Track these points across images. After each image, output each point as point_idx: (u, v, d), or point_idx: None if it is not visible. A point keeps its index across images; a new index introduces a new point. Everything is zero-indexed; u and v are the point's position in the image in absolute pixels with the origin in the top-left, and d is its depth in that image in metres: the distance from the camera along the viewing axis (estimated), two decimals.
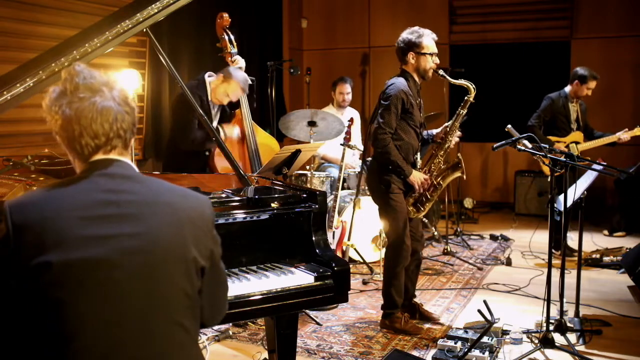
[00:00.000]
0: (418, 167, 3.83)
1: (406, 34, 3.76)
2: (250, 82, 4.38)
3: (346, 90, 6.06)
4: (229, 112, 4.37)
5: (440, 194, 3.91)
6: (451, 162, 3.86)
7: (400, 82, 3.73)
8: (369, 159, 3.91)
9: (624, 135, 5.57)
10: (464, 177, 3.89)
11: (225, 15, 4.42)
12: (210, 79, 4.15)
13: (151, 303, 1.43)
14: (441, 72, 3.74)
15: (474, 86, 3.78)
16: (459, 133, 3.89)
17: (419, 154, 3.89)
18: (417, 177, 3.72)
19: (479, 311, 3.20)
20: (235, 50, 4.35)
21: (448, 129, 3.84)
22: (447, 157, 3.95)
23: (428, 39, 3.72)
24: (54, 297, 1.35)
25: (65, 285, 1.35)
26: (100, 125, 1.47)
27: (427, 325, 3.89)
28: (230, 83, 4.08)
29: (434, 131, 3.95)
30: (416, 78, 3.79)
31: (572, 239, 5.47)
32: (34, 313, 1.37)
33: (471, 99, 3.80)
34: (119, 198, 1.45)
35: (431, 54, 3.72)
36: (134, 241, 1.42)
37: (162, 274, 1.44)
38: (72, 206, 1.41)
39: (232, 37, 4.41)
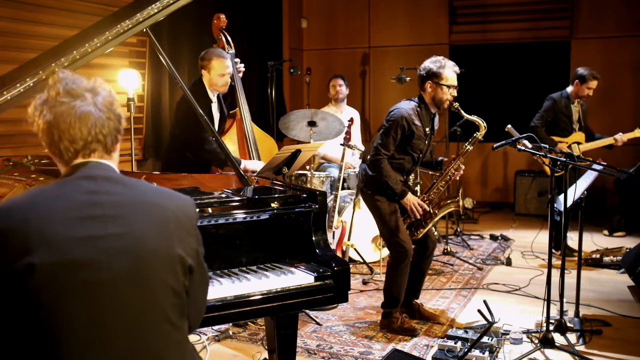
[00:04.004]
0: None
1: (428, 63, 3.77)
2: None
3: (338, 83, 6.11)
4: (227, 112, 4.36)
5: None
6: (451, 194, 3.91)
7: (406, 107, 3.73)
8: (363, 164, 3.94)
9: (620, 137, 5.58)
10: (461, 211, 3.99)
11: (222, 16, 4.40)
12: (204, 78, 4.13)
13: (140, 302, 1.43)
14: (456, 105, 3.75)
15: (485, 124, 3.83)
16: (462, 167, 3.91)
17: (417, 179, 3.93)
18: (410, 200, 3.73)
19: (479, 311, 3.19)
20: (232, 51, 4.34)
21: (452, 162, 3.87)
22: (448, 187, 4.01)
23: (449, 71, 3.72)
24: (41, 301, 1.34)
25: (51, 288, 1.35)
26: (78, 130, 1.47)
27: (427, 326, 3.89)
28: (213, 65, 4.03)
29: (444, 159, 3.99)
30: (431, 107, 3.80)
31: (572, 239, 5.47)
32: (22, 319, 1.36)
33: (480, 137, 3.85)
34: (103, 199, 1.45)
35: (449, 86, 3.71)
36: (120, 241, 1.42)
37: (149, 273, 1.45)
38: (55, 209, 1.41)
39: (229, 38, 4.40)
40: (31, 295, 1.34)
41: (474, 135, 3.86)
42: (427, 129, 3.81)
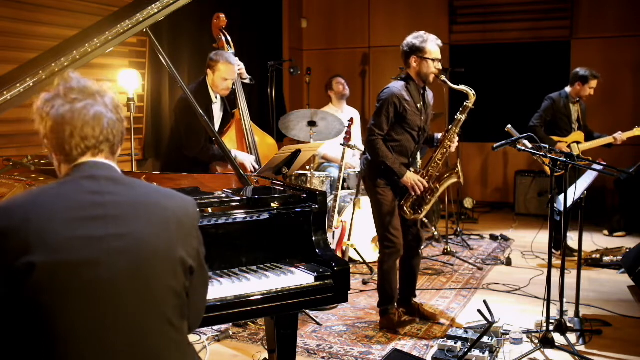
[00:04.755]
0: (413, 169, 3.83)
1: (411, 38, 3.77)
2: (250, 82, 4.39)
3: (342, 81, 6.13)
4: (230, 110, 4.37)
5: (440, 194, 3.91)
6: (450, 167, 3.88)
7: (396, 86, 3.74)
8: (364, 155, 3.93)
9: (620, 136, 5.58)
10: (462, 182, 3.92)
11: (222, 15, 4.41)
12: (208, 77, 4.15)
13: (140, 303, 1.43)
14: (442, 77, 3.74)
15: (473, 92, 3.79)
16: (457, 138, 3.88)
17: (418, 155, 3.89)
18: (410, 178, 3.72)
19: (479, 311, 3.19)
20: (232, 50, 4.34)
21: (447, 134, 3.84)
22: (446, 162, 3.95)
23: (432, 45, 3.72)
24: (41, 301, 1.34)
25: (51, 288, 1.35)
26: (92, 128, 1.49)
27: (427, 325, 3.89)
28: (219, 67, 4.05)
29: (440, 135, 3.95)
30: (418, 82, 3.79)
31: (572, 239, 5.47)
32: (22, 318, 1.36)
33: (470, 105, 3.81)
34: (105, 200, 1.45)
35: (433, 60, 3.71)
36: (121, 242, 1.42)
37: (150, 274, 1.45)
38: (57, 208, 1.41)
39: (229, 37, 4.41)
40: (31, 295, 1.34)
41: (464, 104, 3.80)
42: (419, 105, 3.79)
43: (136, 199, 1.50)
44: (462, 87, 3.78)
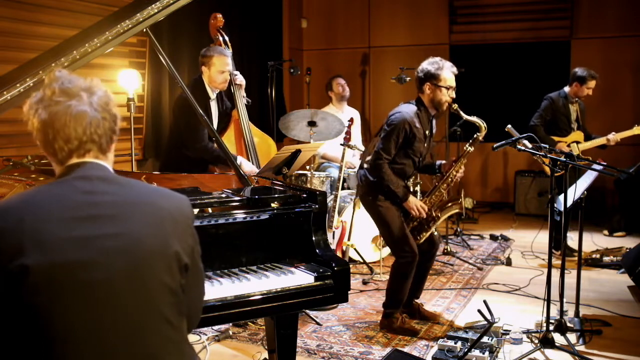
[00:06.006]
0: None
1: (426, 64, 3.75)
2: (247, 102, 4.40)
3: (342, 82, 6.14)
4: (226, 110, 4.36)
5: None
6: (452, 196, 3.89)
7: (407, 111, 3.72)
8: (361, 170, 3.94)
9: (613, 137, 5.58)
10: (463, 212, 3.93)
11: (219, 15, 4.41)
12: (203, 75, 4.15)
13: (138, 302, 1.43)
14: (455, 106, 3.73)
15: (485, 125, 3.80)
16: (463, 169, 3.89)
17: (416, 179, 3.90)
18: (413, 202, 3.72)
19: (479, 311, 3.20)
20: (230, 50, 4.35)
21: (454, 164, 3.85)
22: (449, 191, 3.98)
23: (447, 72, 3.70)
24: (38, 302, 1.34)
25: (48, 289, 1.34)
26: (73, 130, 1.47)
27: (427, 325, 3.89)
28: (213, 62, 4.07)
29: (443, 162, 3.97)
30: (430, 109, 3.79)
31: (572, 239, 5.47)
32: (20, 320, 1.35)
33: (481, 138, 3.83)
34: (98, 199, 1.45)
35: (447, 88, 3.70)
36: (115, 241, 1.42)
37: (146, 273, 1.44)
38: (51, 209, 1.40)
39: (226, 37, 4.41)
40: (27, 296, 1.34)
41: (475, 136, 3.85)
42: (427, 132, 3.81)
43: (130, 199, 1.50)
44: (475, 119, 3.80)
